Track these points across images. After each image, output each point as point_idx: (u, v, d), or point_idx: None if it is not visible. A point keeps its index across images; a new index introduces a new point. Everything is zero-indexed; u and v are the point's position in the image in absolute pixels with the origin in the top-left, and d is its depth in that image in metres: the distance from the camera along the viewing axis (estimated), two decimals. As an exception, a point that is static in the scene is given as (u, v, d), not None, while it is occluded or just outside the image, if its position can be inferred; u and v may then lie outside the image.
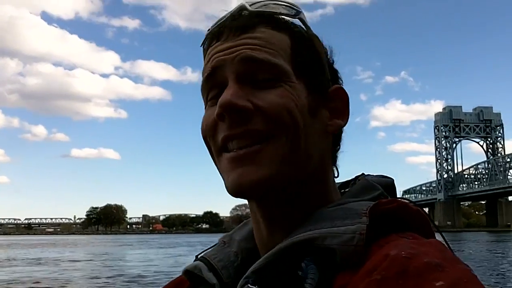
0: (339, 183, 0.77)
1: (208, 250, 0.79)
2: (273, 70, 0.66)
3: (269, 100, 0.65)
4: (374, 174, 0.77)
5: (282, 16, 0.71)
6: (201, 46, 0.75)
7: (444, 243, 0.59)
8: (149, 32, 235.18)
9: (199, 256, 0.77)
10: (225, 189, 0.66)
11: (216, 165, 0.70)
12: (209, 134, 0.69)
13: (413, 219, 0.63)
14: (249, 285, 0.61)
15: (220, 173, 0.69)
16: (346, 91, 0.75)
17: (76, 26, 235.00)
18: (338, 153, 0.76)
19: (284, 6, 0.71)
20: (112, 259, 28.82)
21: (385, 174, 0.77)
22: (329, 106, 0.72)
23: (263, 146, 0.64)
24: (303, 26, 0.73)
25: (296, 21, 0.73)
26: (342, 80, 0.77)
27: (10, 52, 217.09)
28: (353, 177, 0.77)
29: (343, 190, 0.76)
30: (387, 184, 0.74)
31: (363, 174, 0.76)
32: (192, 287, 0.76)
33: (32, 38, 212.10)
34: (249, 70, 0.66)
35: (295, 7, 0.72)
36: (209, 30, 0.74)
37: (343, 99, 0.74)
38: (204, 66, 0.72)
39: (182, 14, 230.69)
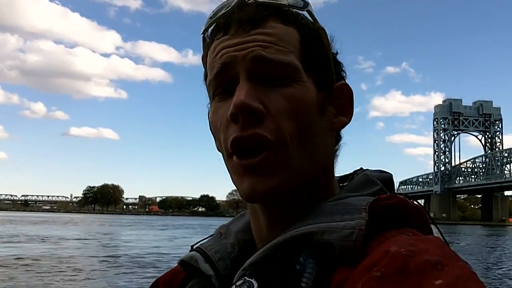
0: (337, 177, 0.76)
1: (205, 240, 0.78)
2: (285, 70, 0.65)
3: (280, 103, 0.64)
4: (373, 169, 0.76)
5: (291, 9, 0.69)
6: (202, 34, 0.73)
7: (442, 239, 0.58)
8: (151, 13, 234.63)
9: (195, 247, 0.76)
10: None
11: (224, 161, 0.70)
12: (221, 131, 0.67)
13: (412, 215, 0.63)
14: (246, 277, 0.61)
15: (229, 172, 0.68)
16: (349, 84, 0.73)
17: (78, 4, 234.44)
18: (339, 149, 0.75)
19: None
20: (115, 239, 28.98)
21: (383, 169, 0.77)
22: (334, 102, 0.71)
23: (272, 154, 0.63)
24: (310, 19, 0.71)
25: (304, 13, 0.70)
26: (345, 73, 0.75)
27: (10, 27, 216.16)
28: (352, 171, 0.77)
29: (341, 184, 0.76)
30: (386, 179, 0.74)
31: (361, 168, 0.76)
32: (188, 278, 0.76)
33: (34, 14, 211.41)
34: (261, 69, 0.64)
35: None
36: (211, 18, 0.71)
37: (348, 95, 0.73)
38: (210, 59, 0.69)
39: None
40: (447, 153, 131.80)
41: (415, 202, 0.64)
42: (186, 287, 0.75)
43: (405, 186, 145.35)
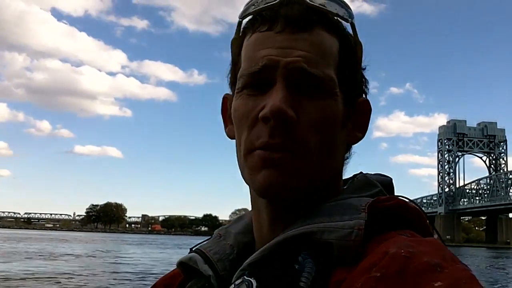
0: None
1: (204, 242, 0.78)
2: (323, 84, 0.65)
3: (312, 115, 0.65)
4: (373, 173, 0.76)
5: (338, 18, 0.69)
6: (240, 18, 0.72)
7: (441, 242, 0.58)
8: (157, 33, 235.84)
9: (194, 249, 0.76)
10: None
11: (237, 153, 0.70)
12: (246, 126, 0.67)
13: (412, 217, 0.63)
14: (245, 277, 0.61)
15: (243, 164, 0.69)
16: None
17: (85, 23, 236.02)
18: (350, 157, 0.76)
19: (340, 7, 0.69)
20: (118, 256, 28.90)
21: (383, 173, 0.77)
22: (354, 118, 0.72)
23: (293, 158, 0.64)
24: (351, 32, 0.71)
25: (347, 25, 0.71)
26: (368, 89, 0.76)
27: (18, 46, 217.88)
28: (352, 175, 0.77)
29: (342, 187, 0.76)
30: (386, 182, 0.74)
31: (361, 172, 0.76)
32: (186, 279, 0.76)
33: (41, 33, 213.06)
34: (300, 79, 0.65)
35: (349, 10, 0.70)
36: (254, 5, 0.70)
37: (367, 112, 0.74)
38: (249, 50, 0.69)
39: (190, 17, 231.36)
40: (451, 174, 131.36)
41: (414, 205, 0.64)
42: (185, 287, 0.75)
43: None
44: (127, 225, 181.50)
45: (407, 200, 0.65)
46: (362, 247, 0.57)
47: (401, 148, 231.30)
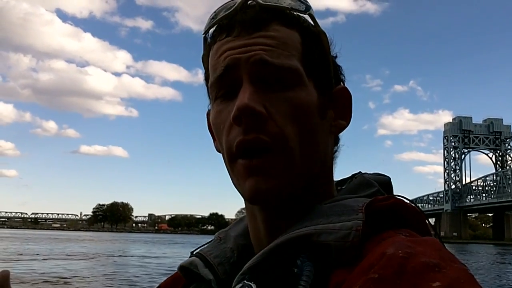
0: (335, 181, 0.77)
1: (204, 246, 0.78)
2: (287, 74, 0.65)
3: (283, 107, 0.65)
4: (371, 172, 0.76)
5: (293, 12, 0.69)
6: (203, 34, 0.73)
7: (439, 241, 0.57)
8: (161, 33, 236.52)
9: (194, 252, 0.76)
10: (232, 190, 0.68)
11: (225, 162, 0.70)
12: (224, 133, 0.68)
13: (410, 216, 0.63)
14: (245, 281, 0.61)
15: (231, 173, 0.69)
16: (352, 94, 0.74)
17: (90, 24, 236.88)
18: (338, 151, 0.75)
19: (294, 1, 0.69)
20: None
21: (381, 172, 0.77)
22: (334, 106, 0.71)
23: (274, 156, 0.64)
24: (312, 22, 0.71)
25: (306, 16, 0.71)
26: (344, 76, 0.76)
27: (24, 48, 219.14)
28: (350, 175, 0.77)
29: (339, 188, 0.76)
30: (384, 181, 0.74)
31: (359, 172, 0.76)
32: (188, 284, 0.76)
33: (46, 34, 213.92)
34: (263, 73, 0.65)
35: (304, 1, 0.70)
36: (213, 18, 0.71)
37: (347, 99, 0.73)
38: (212, 60, 0.70)
39: (194, 17, 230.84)
40: (457, 171, 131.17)
41: (412, 203, 0.64)
42: None
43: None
44: (133, 225, 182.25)
45: (404, 199, 0.64)
46: (360, 247, 0.57)
47: (405, 145, 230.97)
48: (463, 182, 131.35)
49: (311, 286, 0.56)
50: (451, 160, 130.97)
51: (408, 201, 0.64)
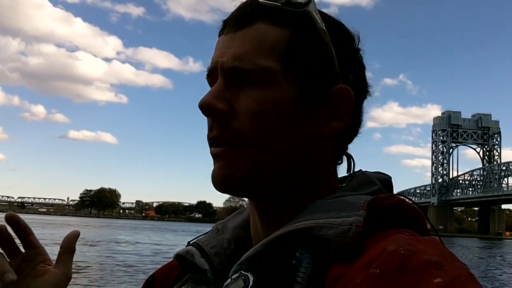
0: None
1: (201, 236, 0.78)
2: (259, 74, 0.66)
3: (248, 105, 0.66)
4: (372, 171, 0.77)
5: (287, 8, 0.67)
6: (219, 36, 0.73)
7: (440, 241, 0.58)
8: (153, 20, 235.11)
9: (191, 242, 0.77)
10: None
11: None
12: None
13: (411, 216, 0.63)
14: (242, 271, 0.61)
15: None
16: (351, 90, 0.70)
17: (81, 9, 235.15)
18: (340, 151, 0.74)
19: None
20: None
21: (382, 171, 0.78)
22: (328, 106, 0.69)
23: (232, 150, 0.66)
24: (311, 19, 0.68)
25: (303, 13, 0.68)
26: (351, 76, 0.72)
27: (13, 31, 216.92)
28: (351, 172, 0.76)
29: (340, 185, 0.75)
30: (385, 180, 0.74)
31: (360, 170, 0.76)
32: (183, 273, 0.77)
33: (37, 18, 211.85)
34: (235, 74, 0.66)
35: None
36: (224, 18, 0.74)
37: (346, 100, 0.70)
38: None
39: (186, 5, 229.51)
40: (445, 165, 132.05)
41: (413, 204, 0.64)
42: (181, 281, 0.76)
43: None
44: (121, 211, 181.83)
45: (406, 199, 0.64)
46: (360, 244, 0.57)
47: (394, 138, 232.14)
48: (451, 176, 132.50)
49: (309, 279, 0.56)
50: (439, 154, 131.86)
51: (409, 201, 0.64)
